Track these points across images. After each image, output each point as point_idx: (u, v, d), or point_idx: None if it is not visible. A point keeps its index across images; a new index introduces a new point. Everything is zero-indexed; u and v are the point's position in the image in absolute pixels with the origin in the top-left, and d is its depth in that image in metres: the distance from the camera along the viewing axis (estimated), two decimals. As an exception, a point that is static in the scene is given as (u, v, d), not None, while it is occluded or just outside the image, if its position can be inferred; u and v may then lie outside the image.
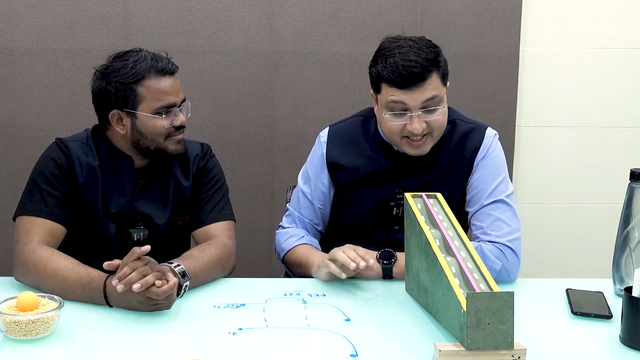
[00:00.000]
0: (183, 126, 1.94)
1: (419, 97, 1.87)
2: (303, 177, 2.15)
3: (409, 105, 1.88)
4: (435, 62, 1.88)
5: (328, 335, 1.56)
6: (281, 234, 2.12)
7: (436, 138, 1.96)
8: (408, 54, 1.86)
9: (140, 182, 1.97)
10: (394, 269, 1.90)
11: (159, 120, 1.89)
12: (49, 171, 1.90)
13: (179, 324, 1.62)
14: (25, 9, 2.83)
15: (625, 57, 3.04)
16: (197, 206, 2.03)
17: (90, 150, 1.95)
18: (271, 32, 2.90)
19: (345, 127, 2.11)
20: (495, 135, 2.04)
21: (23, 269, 1.79)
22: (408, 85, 1.86)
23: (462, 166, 2.00)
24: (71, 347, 1.49)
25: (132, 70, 1.87)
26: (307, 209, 2.12)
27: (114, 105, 1.90)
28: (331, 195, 2.11)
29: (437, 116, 1.91)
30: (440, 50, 1.94)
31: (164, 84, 1.89)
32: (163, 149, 1.93)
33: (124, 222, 1.96)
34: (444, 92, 1.92)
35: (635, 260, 1.75)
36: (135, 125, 1.90)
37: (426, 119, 1.90)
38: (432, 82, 1.88)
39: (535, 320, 1.66)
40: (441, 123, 1.93)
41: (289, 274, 2.16)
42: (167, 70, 1.90)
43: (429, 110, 1.89)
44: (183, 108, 1.94)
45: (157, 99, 1.88)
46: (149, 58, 1.89)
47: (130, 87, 1.87)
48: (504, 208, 1.95)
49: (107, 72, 1.90)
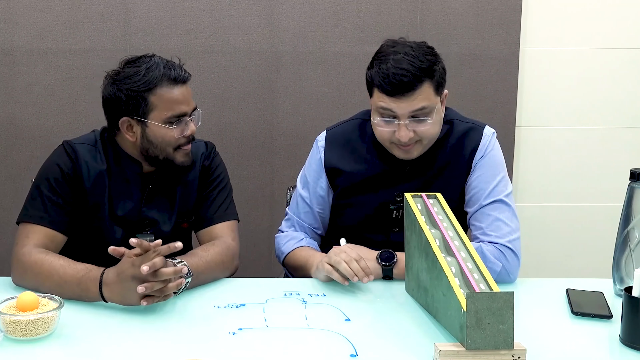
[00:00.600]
0: (192, 137, 1.93)
1: (407, 107, 1.86)
2: (302, 182, 2.14)
3: (397, 114, 1.87)
4: (429, 72, 1.86)
5: (328, 335, 1.56)
6: (280, 237, 2.12)
7: (426, 145, 1.95)
8: (401, 62, 1.85)
9: (148, 187, 1.96)
10: (394, 270, 1.90)
11: (169, 130, 1.87)
12: (53, 177, 1.88)
13: (179, 324, 1.62)
14: (25, 9, 2.83)
15: (625, 57, 3.04)
16: (202, 206, 2.02)
17: (99, 154, 1.93)
18: (271, 32, 2.90)
19: (343, 130, 2.10)
20: (493, 134, 2.03)
21: (19, 271, 1.79)
22: (396, 93, 1.85)
23: (460, 166, 2.00)
24: (71, 347, 1.49)
25: (144, 78, 1.84)
26: (307, 214, 2.11)
27: (124, 112, 1.88)
28: (330, 199, 2.11)
29: (426, 126, 1.89)
30: (438, 58, 1.91)
31: (176, 93, 1.87)
32: (171, 159, 1.91)
33: (130, 227, 1.95)
34: (436, 102, 1.90)
35: (635, 260, 1.75)
36: (145, 134, 1.88)
37: (415, 128, 1.89)
38: (422, 92, 1.86)
39: (535, 320, 1.66)
40: (430, 133, 1.92)
41: (289, 275, 2.16)
42: (179, 79, 1.87)
43: (418, 120, 1.88)
44: (194, 117, 1.93)
45: (168, 108, 1.86)
46: (162, 66, 1.86)
47: (141, 95, 1.85)
48: (503, 208, 1.95)
49: (119, 78, 1.87)
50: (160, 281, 1.62)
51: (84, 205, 1.91)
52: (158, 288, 1.62)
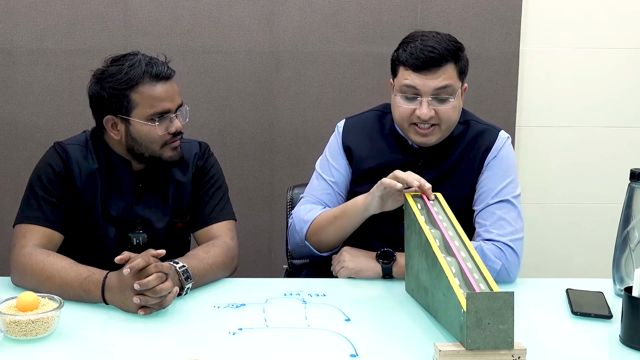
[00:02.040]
0: (180, 132, 1.92)
1: (431, 83, 1.89)
2: (322, 166, 2.11)
3: (420, 90, 1.90)
4: (455, 55, 1.92)
5: (328, 335, 1.56)
6: (299, 210, 2.07)
7: (444, 131, 1.96)
8: (429, 41, 1.91)
9: (139, 186, 1.96)
10: (393, 269, 1.90)
11: (152, 127, 1.87)
12: (46, 177, 1.89)
13: (179, 324, 1.62)
14: (25, 9, 2.84)
15: (625, 57, 3.04)
16: (198, 206, 2.02)
17: (90, 154, 1.94)
18: (271, 32, 2.90)
19: (361, 119, 2.12)
20: (508, 138, 2.04)
21: (19, 272, 1.78)
22: (423, 68, 1.89)
23: (473, 165, 2.01)
24: (71, 347, 1.49)
25: (125, 76, 1.84)
26: (327, 195, 2.07)
27: (108, 110, 1.88)
28: (349, 182, 2.09)
29: (447, 107, 1.92)
30: (463, 49, 1.97)
31: (158, 90, 1.86)
32: (158, 157, 1.91)
33: (123, 226, 1.95)
34: (459, 86, 1.94)
35: (635, 260, 1.75)
36: (129, 132, 1.88)
37: (436, 107, 1.91)
38: (447, 71, 1.90)
39: (535, 320, 1.66)
40: (450, 115, 1.94)
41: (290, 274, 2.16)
42: (161, 76, 1.86)
43: (440, 99, 1.91)
44: (180, 113, 1.91)
45: (150, 105, 1.86)
46: (144, 63, 1.86)
47: (123, 93, 1.85)
48: (509, 208, 1.95)
49: (102, 77, 1.88)
50: (156, 297, 1.63)
51: (77, 205, 1.91)
52: (153, 303, 1.63)
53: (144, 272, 1.62)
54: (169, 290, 1.64)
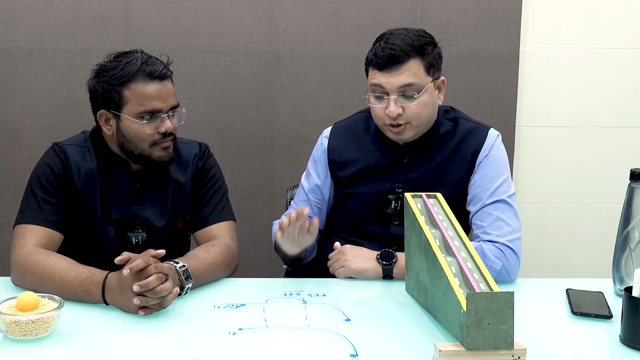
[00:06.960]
0: (172, 133, 1.92)
1: (394, 81, 1.90)
2: (305, 173, 2.18)
3: (386, 89, 1.92)
4: (420, 49, 1.92)
5: (328, 335, 1.56)
6: (274, 224, 2.12)
7: (417, 128, 1.97)
8: (393, 39, 1.92)
9: (136, 185, 1.96)
10: (394, 269, 1.90)
11: (141, 125, 1.87)
12: (45, 178, 1.90)
13: (179, 324, 1.62)
14: (25, 9, 2.83)
15: (625, 57, 3.04)
16: (198, 207, 2.02)
17: (89, 153, 1.94)
18: (271, 32, 2.90)
19: (348, 122, 2.15)
20: (498, 136, 2.04)
21: (20, 272, 1.79)
22: (385, 66, 1.91)
23: (463, 165, 2.01)
24: (71, 347, 1.49)
25: (120, 72, 1.86)
26: (304, 202, 2.13)
27: (101, 105, 1.90)
28: (328, 189, 2.12)
29: (413, 103, 1.92)
30: (433, 42, 1.97)
31: (150, 89, 1.87)
32: (147, 155, 1.91)
33: (122, 225, 1.95)
34: (426, 82, 1.93)
35: (635, 260, 1.75)
36: (119, 128, 1.89)
37: (403, 104, 1.92)
38: (410, 67, 1.91)
39: (535, 320, 1.66)
40: (417, 112, 1.94)
41: (290, 274, 2.16)
42: (155, 75, 1.87)
43: (406, 97, 1.92)
44: (173, 114, 1.91)
45: (140, 103, 1.86)
46: (140, 61, 1.87)
47: (115, 89, 1.86)
48: (505, 208, 1.95)
49: (100, 71, 1.90)
50: (156, 298, 1.63)
51: (76, 205, 1.92)
52: (153, 303, 1.63)
53: (144, 273, 1.62)
54: (169, 291, 1.64)
